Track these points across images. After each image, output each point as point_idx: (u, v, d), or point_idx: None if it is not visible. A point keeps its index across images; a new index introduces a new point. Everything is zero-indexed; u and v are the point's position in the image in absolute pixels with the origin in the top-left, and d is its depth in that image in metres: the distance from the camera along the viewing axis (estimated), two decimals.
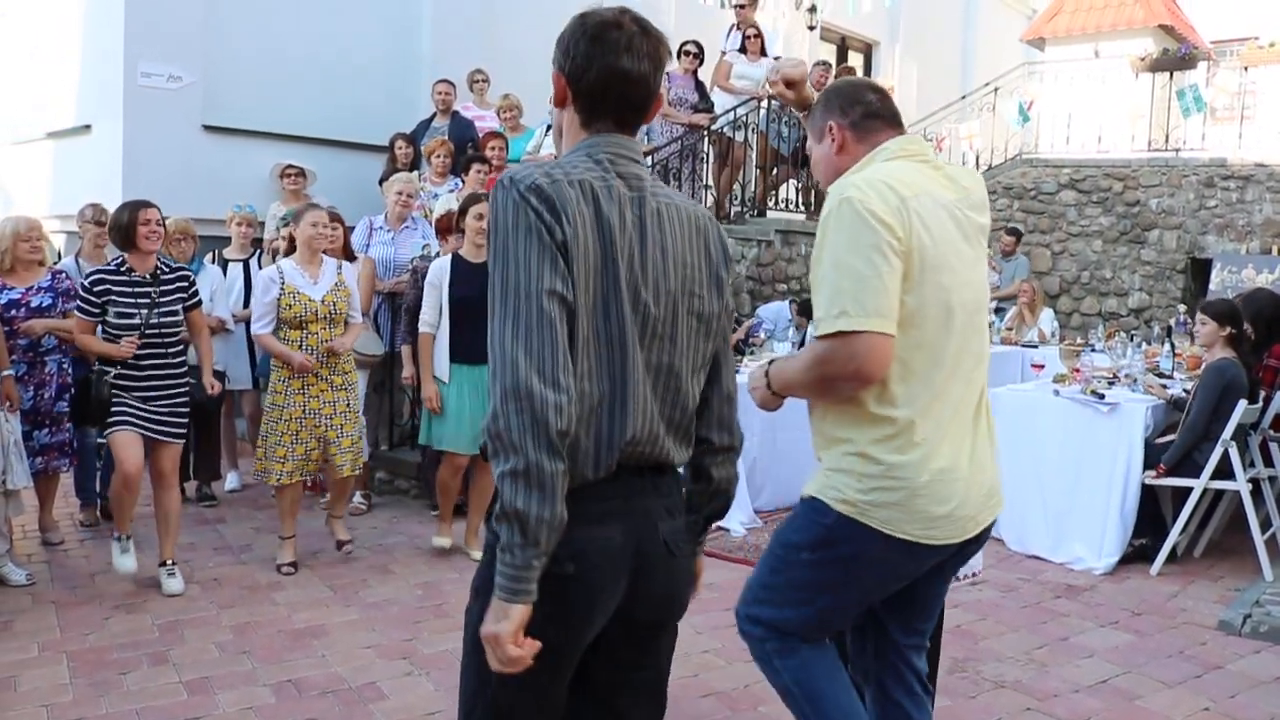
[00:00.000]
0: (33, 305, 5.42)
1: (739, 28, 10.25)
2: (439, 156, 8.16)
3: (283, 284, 5.36)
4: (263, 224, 7.82)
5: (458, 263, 5.47)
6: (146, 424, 4.95)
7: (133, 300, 4.93)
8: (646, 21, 1.95)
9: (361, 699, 3.88)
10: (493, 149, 8.35)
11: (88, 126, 8.46)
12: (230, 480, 7.08)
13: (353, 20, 9.52)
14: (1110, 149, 12.53)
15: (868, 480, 2.35)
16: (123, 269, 4.99)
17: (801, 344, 8.72)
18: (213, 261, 6.75)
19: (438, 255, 6.46)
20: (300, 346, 5.35)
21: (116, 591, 5.01)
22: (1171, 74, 12.39)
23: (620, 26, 1.90)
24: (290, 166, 7.94)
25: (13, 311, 5.34)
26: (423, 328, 5.51)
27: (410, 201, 7.32)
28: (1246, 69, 12.23)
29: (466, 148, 8.55)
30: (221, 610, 4.77)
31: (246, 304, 6.56)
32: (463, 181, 7.96)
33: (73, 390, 5.11)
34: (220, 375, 6.16)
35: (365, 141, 9.17)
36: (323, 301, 5.38)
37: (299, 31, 9.10)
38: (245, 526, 6.21)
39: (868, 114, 2.54)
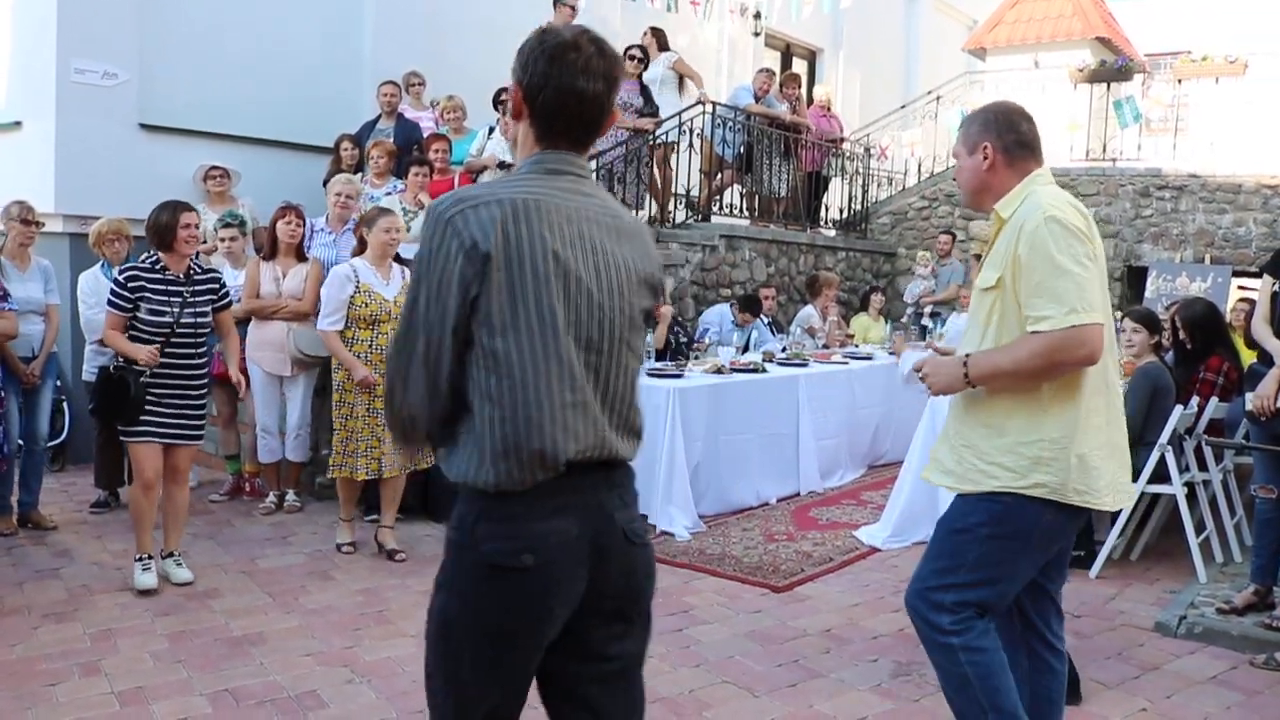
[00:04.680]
0: None
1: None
2: (377, 158, 8.08)
3: (358, 282, 5.49)
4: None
5: None
6: (167, 429, 4.98)
7: (165, 299, 4.96)
8: (604, 42, 2.04)
9: (301, 708, 3.81)
10: (436, 151, 8.29)
11: (18, 123, 8.25)
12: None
13: (293, 19, 9.38)
14: (1049, 158, 12.62)
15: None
16: (157, 267, 5.00)
17: (746, 345, 8.73)
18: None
19: None
20: (371, 346, 5.53)
21: (46, 601, 4.87)
22: (1109, 85, 12.63)
23: (578, 48, 1.99)
24: (214, 168, 7.81)
25: None
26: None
27: (350, 203, 7.24)
28: (1180, 82, 12.49)
29: (412, 149, 8.47)
30: (156, 618, 4.66)
31: None
32: (403, 183, 7.89)
33: (100, 388, 5.00)
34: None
35: (306, 142, 9.05)
36: (395, 301, 5.51)
37: (238, 30, 8.95)
38: (182, 532, 6.08)
39: (1020, 142, 2.94)
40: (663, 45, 10.11)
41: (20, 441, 5.99)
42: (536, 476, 1.92)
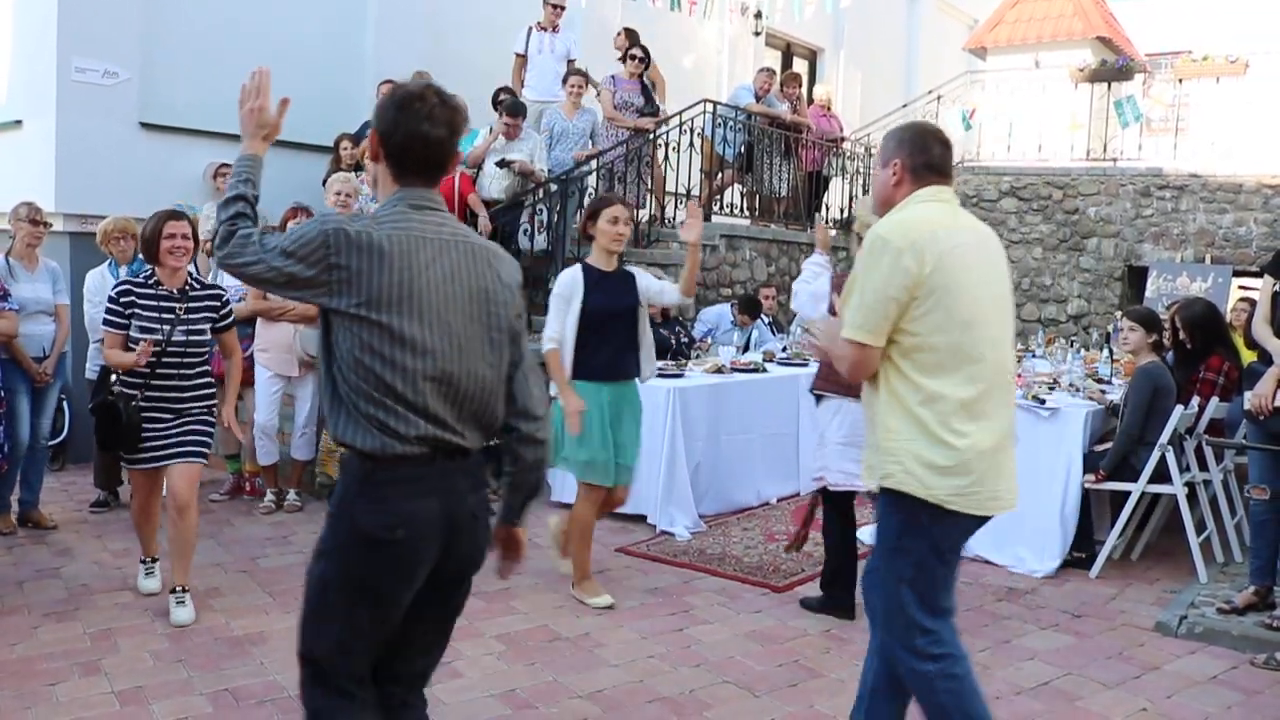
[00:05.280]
0: None
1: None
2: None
3: None
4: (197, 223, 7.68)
5: (589, 271, 4.99)
6: (168, 451, 4.71)
7: (156, 315, 4.70)
8: (446, 94, 2.45)
9: (301, 707, 3.80)
10: None
11: (19, 122, 8.24)
12: None
13: (295, 18, 9.37)
14: (1050, 158, 12.72)
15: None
16: (150, 281, 4.78)
17: (746, 344, 8.74)
18: None
19: None
20: None
21: (46, 600, 4.88)
22: (1109, 85, 12.61)
23: (424, 99, 2.41)
24: (225, 165, 7.80)
25: None
26: (548, 343, 4.89)
27: (349, 202, 7.22)
28: (1181, 82, 12.47)
29: None
30: (156, 618, 4.66)
31: None
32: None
33: (95, 416, 4.79)
34: None
35: (307, 141, 9.03)
36: None
37: (239, 28, 8.94)
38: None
39: (928, 164, 3.06)
40: (634, 44, 10.07)
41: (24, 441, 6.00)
42: (396, 449, 2.32)
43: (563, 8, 9.83)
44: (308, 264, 2.29)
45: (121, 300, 4.71)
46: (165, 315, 4.72)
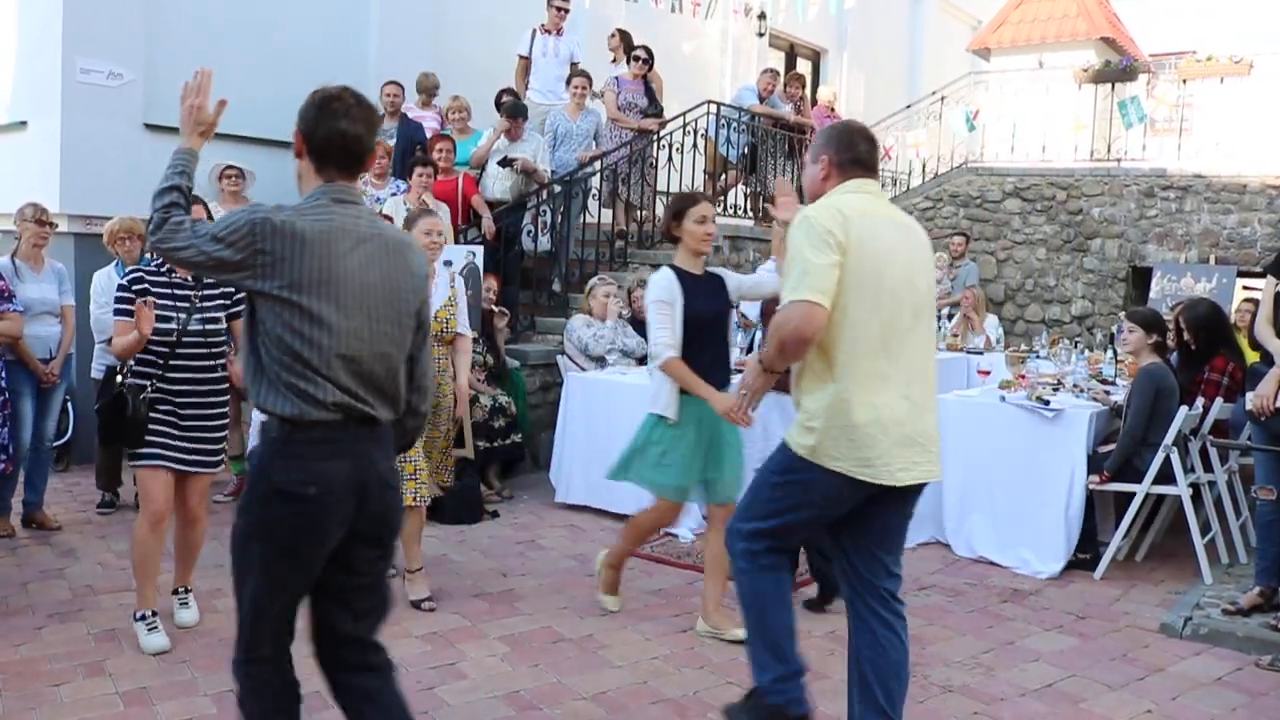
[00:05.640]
0: None
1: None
2: (379, 158, 8.08)
3: None
4: None
5: (681, 275, 4.57)
6: (180, 454, 4.43)
7: (171, 303, 4.45)
8: (361, 95, 2.75)
9: (306, 708, 3.78)
10: (439, 151, 8.28)
11: (24, 123, 8.26)
12: None
13: (298, 19, 9.39)
14: (1054, 158, 12.71)
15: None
16: (163, 269, 4.50)
17: (750, 346, 8.72)
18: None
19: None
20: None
21: (50, 601, 4.88)
22: (1113, 85, 12.59)
23: (341, 99, 2.69)
24: (230, 167, 7.79)
25: None
26: (667, 351, 4.45)
27: None
28: (1185, 82, 12.45)
29: (414, 150, 8.47)
30: (161, 619, 4.65)
31: None
32: (406, 184, 7.89)
33: (100, 407, 4.56)
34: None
35: None
36: (435, 318, 4.77)
37: (243, 29, 8.95)
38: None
39: (854, 160, 3.29)
40: (629, 47, 10.09)
41: (29, 442, 6.00)
42: (312, 415, 2.56)
43: (567, 10, 9.84)
44: (236, 249, 2.53)
45: (134, 288, 4.45)
46: (180, 304, 4.48)
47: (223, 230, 2.55)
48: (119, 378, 4.51)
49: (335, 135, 2.65)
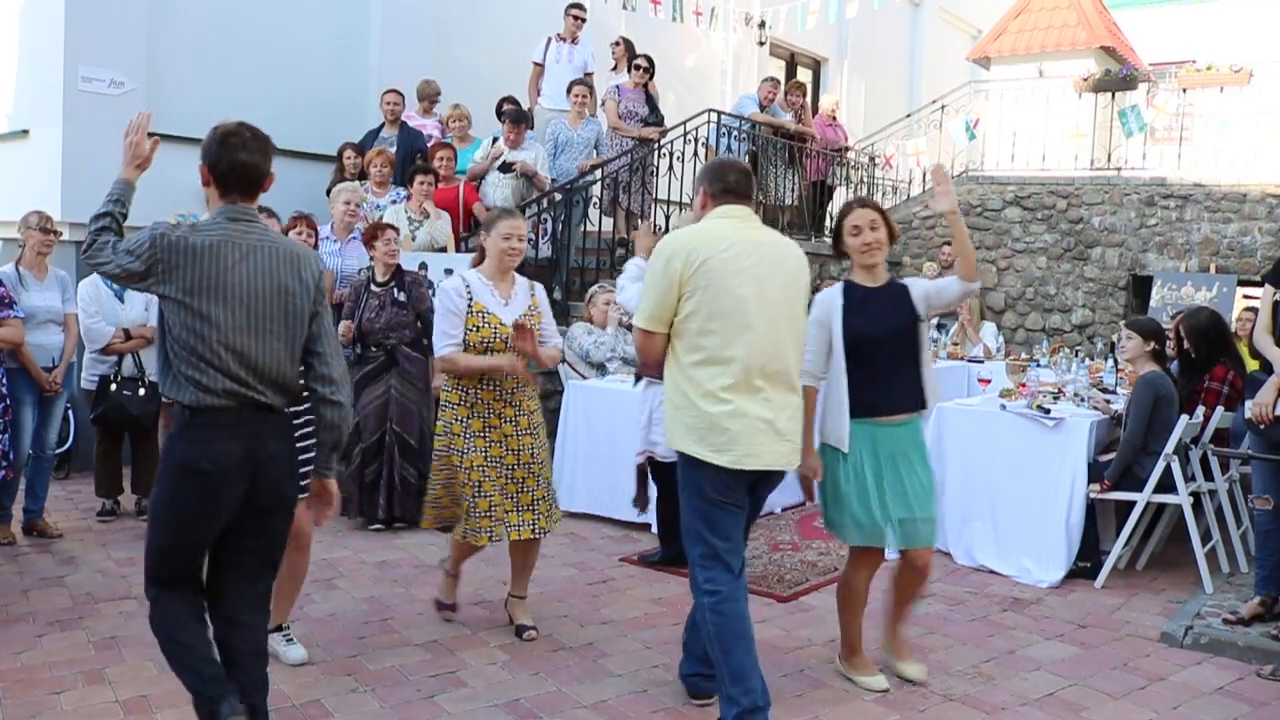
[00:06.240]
0: None
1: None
2: (380, 166, 8.09)
3: (470, 300, 4.46)
4: None
5: (850, 290, 4.22)
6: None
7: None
8: (257, 130, 3.21)
9: (305, 717, 3.80)
10: (440, 159, 8.30)
11: (25, 131, 8.27)
12: None
13: (300, 28, 9.41)
14: (1054, 167, 12.72)
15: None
16: None
17: None
18: None
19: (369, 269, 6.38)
20: (480, 380, 4.46)
21: (50, 608, 4.88)
22: (1113, 94, 12.61)
23: (239, 134, 3.15)
24: None
25: None
26: (805, 379, 4.01)
27: (357, 211, 7.24)
28: (1185, 91, 12.48)
29: (415, 158, 8.49)
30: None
31: None
32: (407, 192, 7.90)
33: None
34: (154, 386, 6.07)
35: (312, 150, 9.07)
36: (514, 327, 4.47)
37: (246, 38, 8.98)
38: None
39: (725, 189, 3.75)
40: (632, 56, 10.11)
41: (30, 450, 6.00)
42: (209, 401, 3.02)
43: (583, 19, 9.87)
44: (141, 260, 3.02)
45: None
46: None
47: (132, 245, 3.04)
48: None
49: (236, 165, 3.13)
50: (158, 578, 3.18)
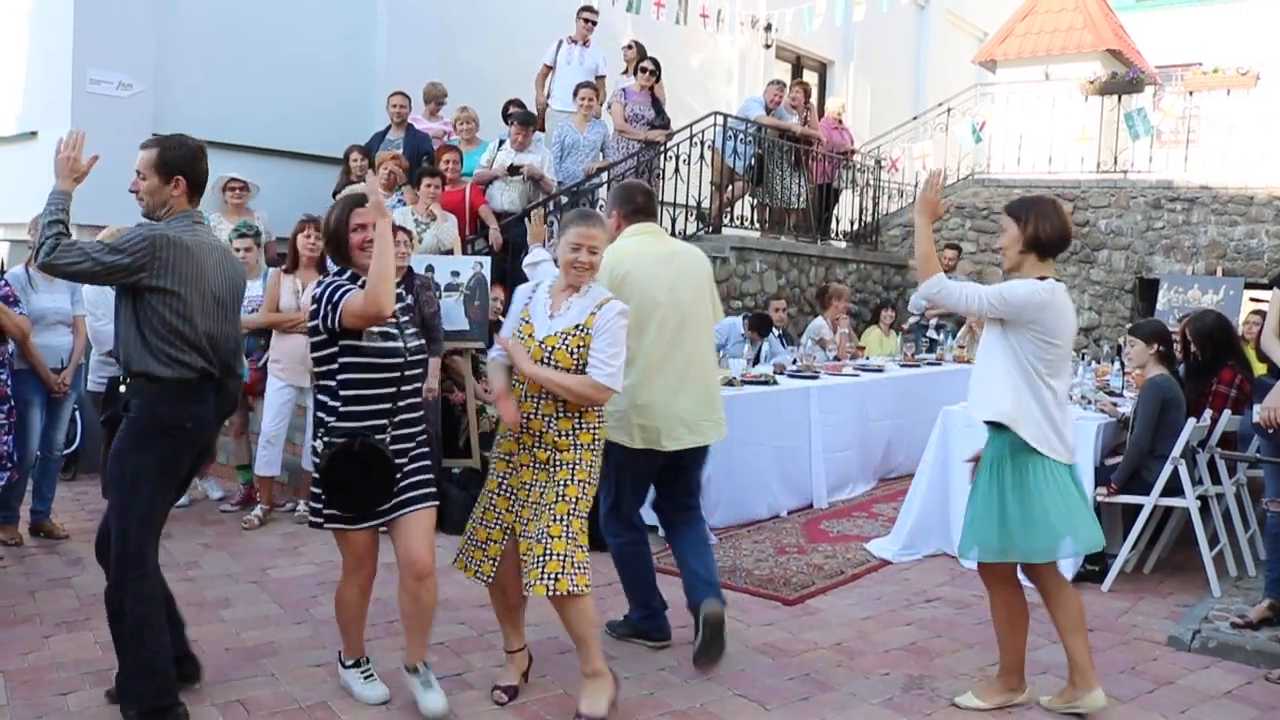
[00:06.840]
0: None
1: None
2: (393, 169, 8.11)
3: (528, 304, 4.01)
4: None
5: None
6: (398, 496, 3.77)
7: (394, 323, 3.86)
8: (202, 144, 3.82)
9: (312, 719, 3.80)
10: (447, 162, 8.31)
11: (34, 133, 8.30)
12: (211, 489, 7.22)
13: (307, 30, 9.44)
14: (1060, 170, 12.73)
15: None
16: (359, 281, 3.74)
17: (756, 358, 8.73)
18: None
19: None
20: (523, 396, 3.87)
21: (57, 609, 4.89)
22: (1120, 97, 12.61)
23: (202, 148, 3.81)
24: (233, 180, 7.80)
25: None
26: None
27: None
28: (1191, 94, 12.47)
29: (421, 161, 8.50)
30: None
31: None
32: (414, 195, 7.91)
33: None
34: None
35: (319, 153, 9.09)
36: (541, 344, 3.81)
37: (253, 40, 9.01)
38: (193, 542, 6.08)
39: (635, 210, 4.43)
40: (643, 58, 10.11)
41: (38, 451, 6.01)
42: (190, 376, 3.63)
43: (595, 22, 9.88)
44: (134, 257, 3.45)
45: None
46: (389, 325, 3.82)
47: (121, 243, 3.47)
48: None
49: (203, 174, 3.79)
50: (145, 556, 3.62)
